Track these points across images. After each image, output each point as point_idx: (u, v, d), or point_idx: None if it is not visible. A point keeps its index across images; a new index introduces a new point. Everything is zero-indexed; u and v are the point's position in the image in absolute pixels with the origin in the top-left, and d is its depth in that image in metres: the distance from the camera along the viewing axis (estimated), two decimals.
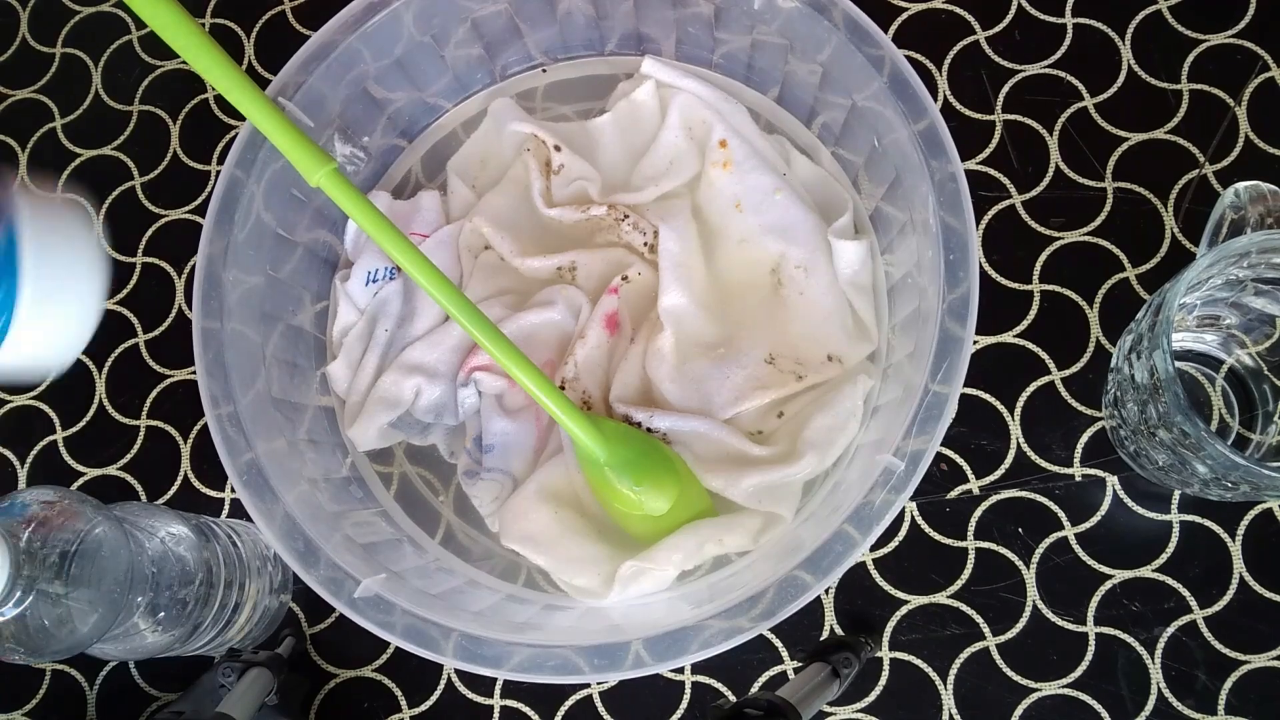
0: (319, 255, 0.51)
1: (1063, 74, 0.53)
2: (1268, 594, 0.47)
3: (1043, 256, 0.51)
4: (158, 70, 0.59)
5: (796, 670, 0.48)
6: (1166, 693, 0.46)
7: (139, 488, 0.54)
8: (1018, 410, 0.50)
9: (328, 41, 0.46)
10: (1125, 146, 0.52)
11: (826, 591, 0.49)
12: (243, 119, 0.43)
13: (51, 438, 0.55)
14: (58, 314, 0.34)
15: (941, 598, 0.48)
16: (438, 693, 0.50)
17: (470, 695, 0.49)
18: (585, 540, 0.45)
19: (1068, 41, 0.53)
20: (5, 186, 0.35)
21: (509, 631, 0.40)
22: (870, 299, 0.47)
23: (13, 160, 0.59)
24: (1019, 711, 0.47)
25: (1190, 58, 0.53)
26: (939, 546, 0.48)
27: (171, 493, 0.53)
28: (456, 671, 0.50)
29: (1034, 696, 0.47)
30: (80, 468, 0.54)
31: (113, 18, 0.61)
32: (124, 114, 0.59)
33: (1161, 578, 0.47)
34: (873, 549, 0.49)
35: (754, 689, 0.48)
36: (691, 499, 0.45)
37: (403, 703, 0.50)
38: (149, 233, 0.57)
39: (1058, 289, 0.51)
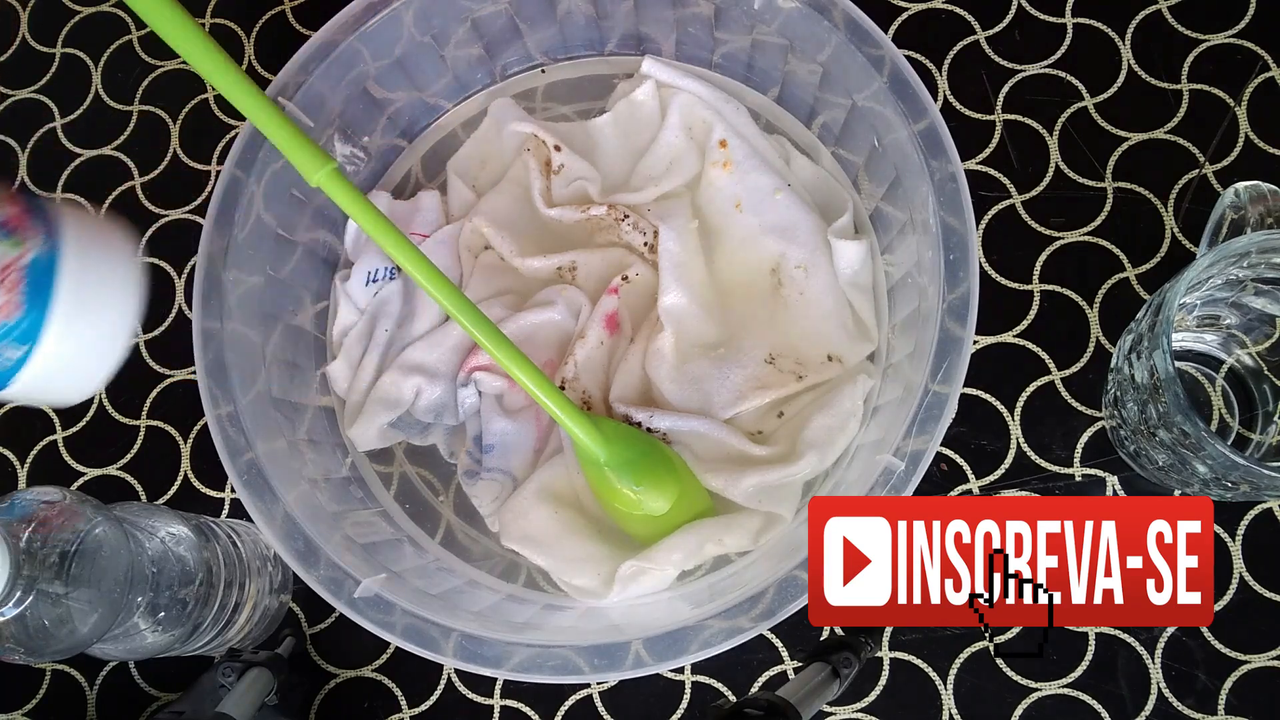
0: (319, 255, 0.51)
1: (1063, 74, 0.53)
2: (1268, 594, 0.47)
3: (1043, 256, 0.51)
4: (158, 70, 0.59)
5: (796, 670, 0.48)
6: (1166, 693, 0.46)
7: (139, 488, 0.54)
8: (1018, 410, 0.50)
9: (328, 41, 0.46)
10: (1125, 146, 0.52)
11: None
12: (243, 119, 0.43)
13: (51, 438, 0.55)
14: (84, 346, 0.33)
15: None
16: (438, 693, 0.50)
17: (470, 695, 0.49)
18: (585, 540, 0.45)
19: (1068, 41, 0.53)
20: (51, 206, 0.33)
21: (509, 631, 0.40)
22: (870, 299, 0.47)
23: (13, 160, 0.59)
24: (1019, 711, 0.47)
25: (1190, 58, 0.53)
26: None
27: (171, 493, 0.53)
28: (456, 671, 0.50)
29: (1034, 696, 0.47)
30: (80, 468, 0.54)
31: (113, 18, 0.61)
32: (124, 114, 0.59)
33: None
34: None
35: (754, 689, 0.48)
36: (691, 499, 0.45)
37: (403, 703, 0.50)
38: (149, 233, 0.57)
39: (1058, 289, 0.51)
